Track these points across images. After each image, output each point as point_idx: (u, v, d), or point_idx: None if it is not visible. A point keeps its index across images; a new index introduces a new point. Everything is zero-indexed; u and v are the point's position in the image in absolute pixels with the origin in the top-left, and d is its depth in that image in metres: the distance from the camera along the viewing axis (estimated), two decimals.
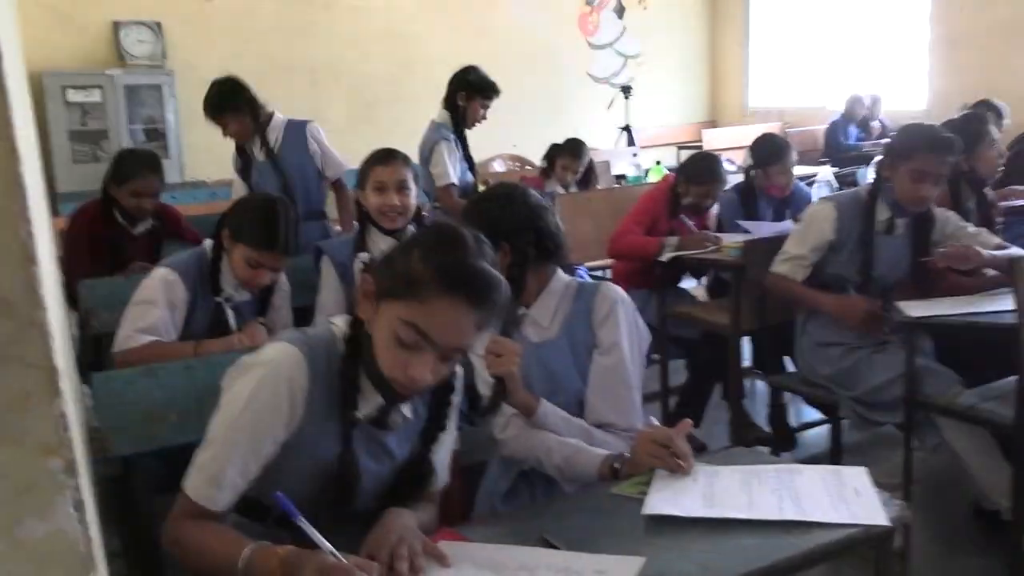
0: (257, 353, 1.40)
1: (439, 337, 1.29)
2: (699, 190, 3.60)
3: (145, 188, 3.23)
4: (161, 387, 1.79)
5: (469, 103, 4.06)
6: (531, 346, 1.80)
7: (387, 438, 1.47)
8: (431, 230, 1.41)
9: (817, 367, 2.84)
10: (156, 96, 6.68)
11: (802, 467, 1.51)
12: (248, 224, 2.37)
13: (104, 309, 2.63)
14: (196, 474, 1.36)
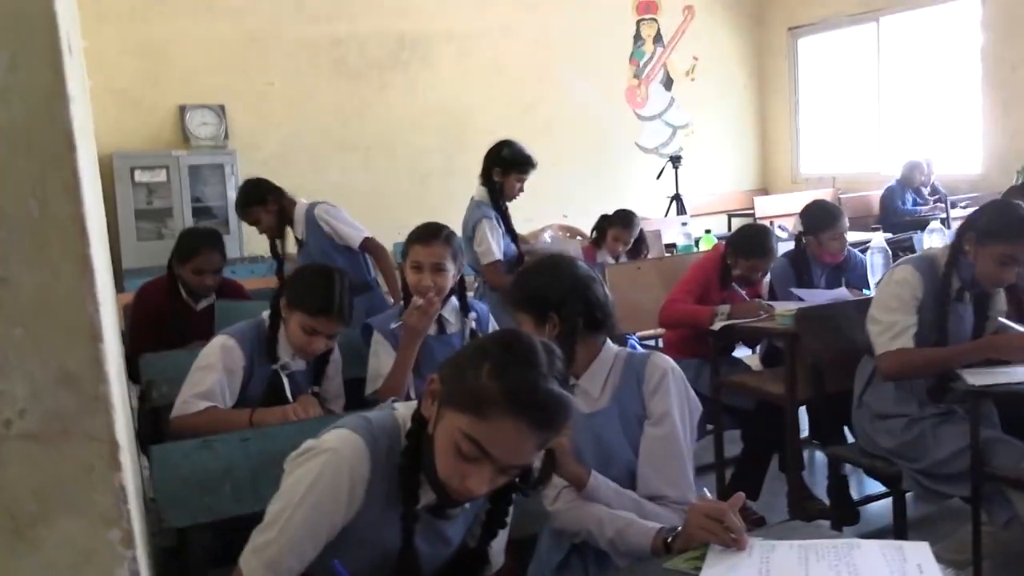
0: (320, 439, 1.41)
1: (499, 455, 1.29)
2: (748, 264, 3.59)
3: (207, 265, 3.34)
4: (217, 459, 1.82)
5: (505, 179, 4.06)
6: (582, 417, 1.79)
7: (443, 525, 1.47)
8: (505, 343, 1.34)
9: (877, 439, 2.76)
10: (219, 175, 6.93)
11: (862, 542, 1.46)
12: (304, 290, 2.44)
13: (164, 382, 2.69)
14: (254, 557, 1.37)
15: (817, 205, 3.87)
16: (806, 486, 3.50)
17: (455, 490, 1.33)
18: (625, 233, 4.83)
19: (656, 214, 8.41)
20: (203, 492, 1.80)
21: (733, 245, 3.63)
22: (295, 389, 2.53)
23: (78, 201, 0.72)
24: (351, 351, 2.86)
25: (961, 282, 2.69)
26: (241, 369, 2.43)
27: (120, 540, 0.79)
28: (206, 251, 3.34)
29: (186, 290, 3.38)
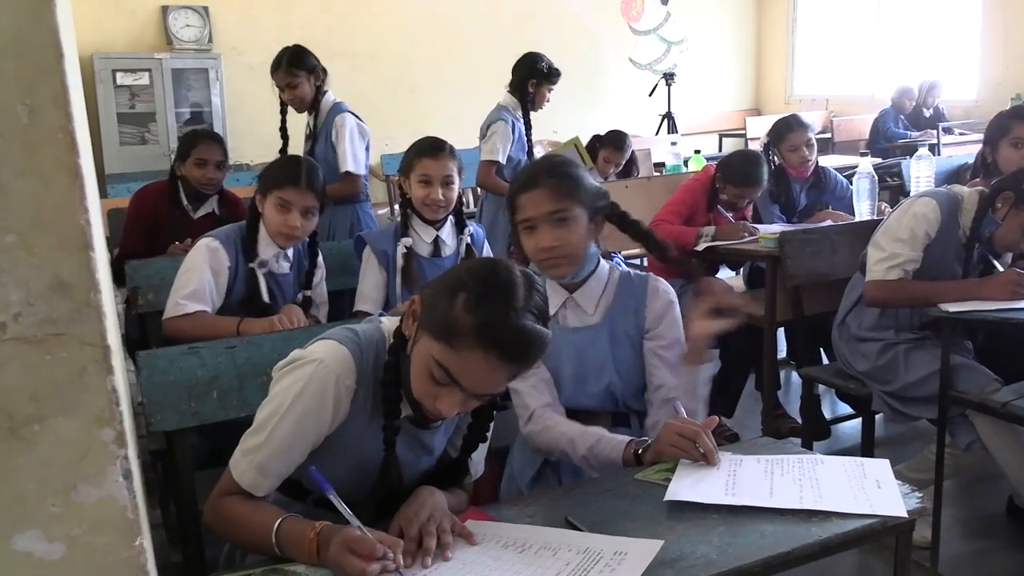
0: (308, 349, 1.45)
1: (469, 384, 1.32)
2: (735, 191, 3.60)
3: (208, 154, 3.31)
4: (203, 365, 1.86)
5: (538, 90, 4.26)
6: (567, 331, 1.84)
7: (424, 434, 1.52)
8: (482, 276, 1.33)
9: (853, 361, 2.83)
10: (203, 80, 6.82)
11: (825, 458, 1.53)
12: (272, 171, 2.54)
13: (150, 289, 2.72)
14: (243, 459, 1.42)
15: (780, 119, 3.88)
16: (780, 404, 3.60)
17: (427, 410, 1.39)
18: (617, 155, 4.82)
19: (647, 132, 8.36)
20: (190, 397, 1.84)
21: (723, 171, 3.63)
22: (281, 294, 2.58)
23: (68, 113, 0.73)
24: (337, 262, 2.90)
25: (975, 235, 2.64)
26: (227, 269, 2.48)
27: (113, 439, 0.83)
28: (205, 142, 3.33)
29: (187, 195, 3.36)
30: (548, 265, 1.80)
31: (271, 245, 2.54)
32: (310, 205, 2.51)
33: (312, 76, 3.76)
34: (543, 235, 1.77)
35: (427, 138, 2.73)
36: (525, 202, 1.78)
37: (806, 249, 3.08)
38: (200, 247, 2.49)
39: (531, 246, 1.79)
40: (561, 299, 1.87)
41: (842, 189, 3.90)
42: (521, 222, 1.80)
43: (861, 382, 2.82)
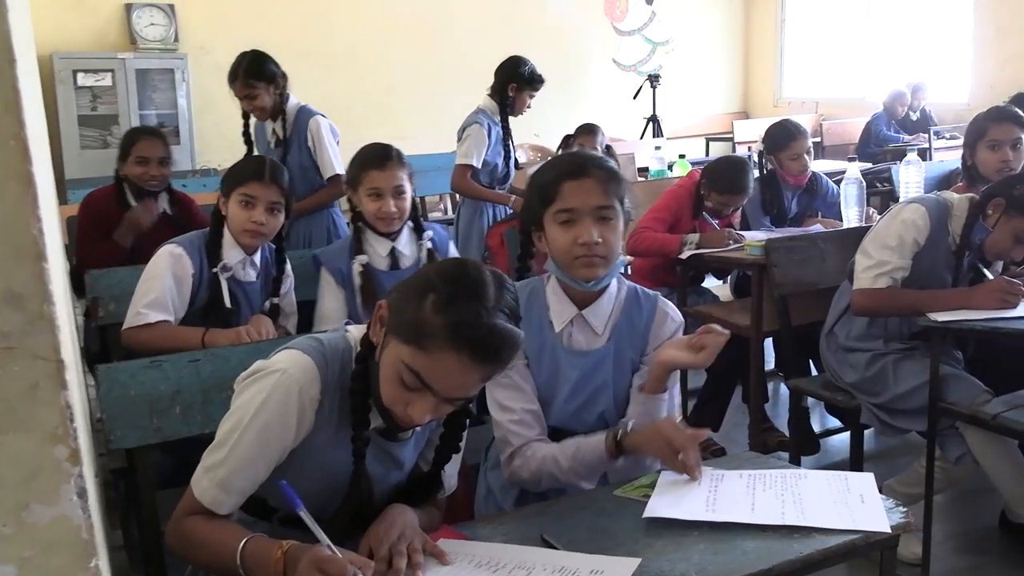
0: (270, 360, 1.45)
1: (441, 388, 1.33)
2: (720, 199, 3.64)
3: (148, 151, 3.31)
4: (166, 379, 1.85)
5: (518, 95, 4.32)
6: (572, 355, 1.79)
7: (393, 447, 1.53)
8: (451, 275, 1.35)
9: (841, 372, 2.86)
10: (168, 81, 6.80)
11: (809, 472, 1.56)
12: (233, 170, 2.56)
13: (111, 299, 2.71)
14: (204, 476, 1.42)
15: (778, 124, 3.93)
16: (767, 418, 3.63)
17: (398, 417, 1.39)
18: (589, 139, 4.83)
19: (631, 136, 8.41)
20: (152, 413, 1.83)
21: (708, 177, 3.67)
22: (248, 304, 2.58)
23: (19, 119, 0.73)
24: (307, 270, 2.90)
25: (965, 242, 2.66)
26: (190, 277, 2.49)
27: (67, 457, 0.83)
28: (145, 138, 3.34)
29: (135, 196, 3.36)
30: (584, 263, 1.72)
31: (236, 249, 2.55)
32: (275, 200, 2.52)
33: (271, 86, 3.70)
34: (585, 229, 1.69)
35: (372, 147, 2.69)
36: (571, 191, 1.71)
37: (793, 257, 3.11)
38: (163, 254, 2.50)
39: (566, 240, 1.71)
40: (569, 316, 1.80)
41: (832, 195, 3.95)
42: (560, 211, 1.72)
43: (849, 394, 2.84)
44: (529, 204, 1.81)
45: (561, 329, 1.79)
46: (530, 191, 1.81)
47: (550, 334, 1.80)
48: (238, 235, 2.52)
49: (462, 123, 4.34)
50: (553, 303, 1.81)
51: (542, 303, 1.82)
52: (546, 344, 1.80)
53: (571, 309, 1.80)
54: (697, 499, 1.45)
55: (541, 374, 1.80)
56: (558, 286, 1.81)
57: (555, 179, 1.74)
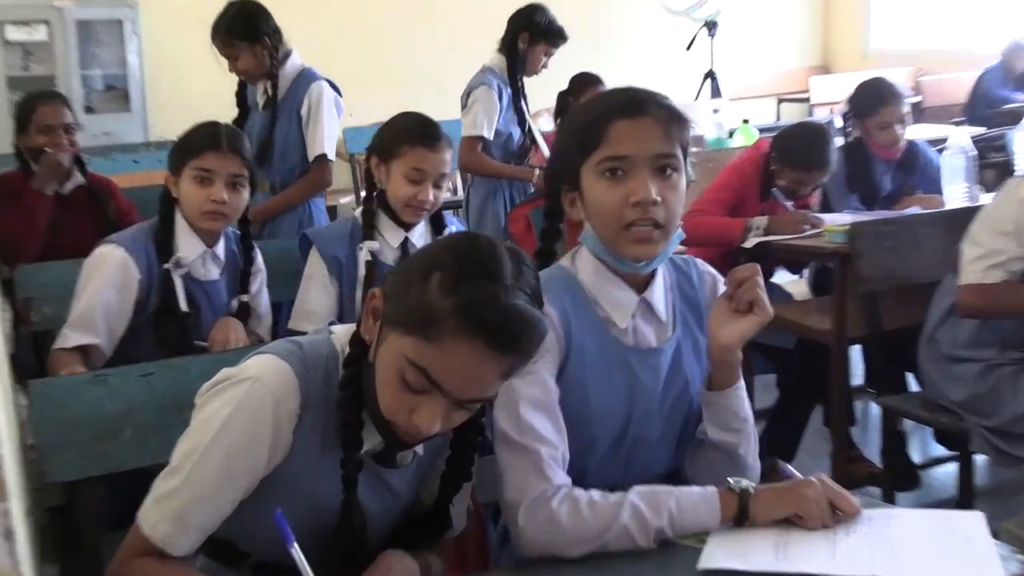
0: (239, 367, 1.45)
1: (453, 387, 1.32)
2: (795, 176, 3.60)
3: (50, 118, 3.37)
4: (113, 397, 1.86)
5: (531, 48, 4.32)
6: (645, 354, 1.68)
7: (390, 475, 1.52)
8: (459, 249, 1.35)
9: (945, 388, 2.84)
10: (116, 34, 6.85)
11: (903, 511, 1.55)
12: (185, 141, 2.56)
13: (45, 300, 2.73)
14: (156, 508, 1.42)
15: (868, 83, 3.91)
16: (855, 445, 3.61)
17: (402, 429, 1.37)
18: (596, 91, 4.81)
19: (684, 96, 8.38)
20: (96, 438, 1.84)
21: (780, 149, 3.65)
22: (210, 306, 2.60)
23: None
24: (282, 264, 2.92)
25: None
26: (136, 283, 2.50)
27: None
28: (45, 104, 3.40)
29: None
30: (638, 236, 1.57)
31: (193, 239, 2.56)
32: (236, 172, 2.52)
33: (258, 45, 3.65)
34: (641, 182, 1.55)
35: (418, 118, 2.69)
36: (623, 132, 1.57)
37: (883, 244, 3.09)
38: (101, 258, 2.50)
39: (614, 198, 1.57)
40: (632, 304, 1.66)
41: (934, 169, 3.92)
42: (607, 159, 1.57)
43: (956, 414, 2.83)
44: (561, 155, 1.70)
45: (626, 326, 1.66)
46: (563, 137, 1.73)
47: (610, 337, 1.66)
48: (195, 219, 2.53)
49: (466, 86, 4.37)
50: (604, 291, 1.66)
51: (582, 295, 1.66)
52: (608, 351, 1.65)
53: (631, 295, 1.66)
54: (764, 545, 1.44)
55: (616, 393, 1.66)
56: (602, 267, 1.66)
57: (602, 118, 1.58)
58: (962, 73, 7.64)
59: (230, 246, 2.67)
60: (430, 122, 2.67)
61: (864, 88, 3.91)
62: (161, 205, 2.58)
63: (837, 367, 3.36)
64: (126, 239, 2.54)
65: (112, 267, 2.48)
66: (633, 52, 8.77)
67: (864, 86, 3.92)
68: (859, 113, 3.86)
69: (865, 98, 3.86)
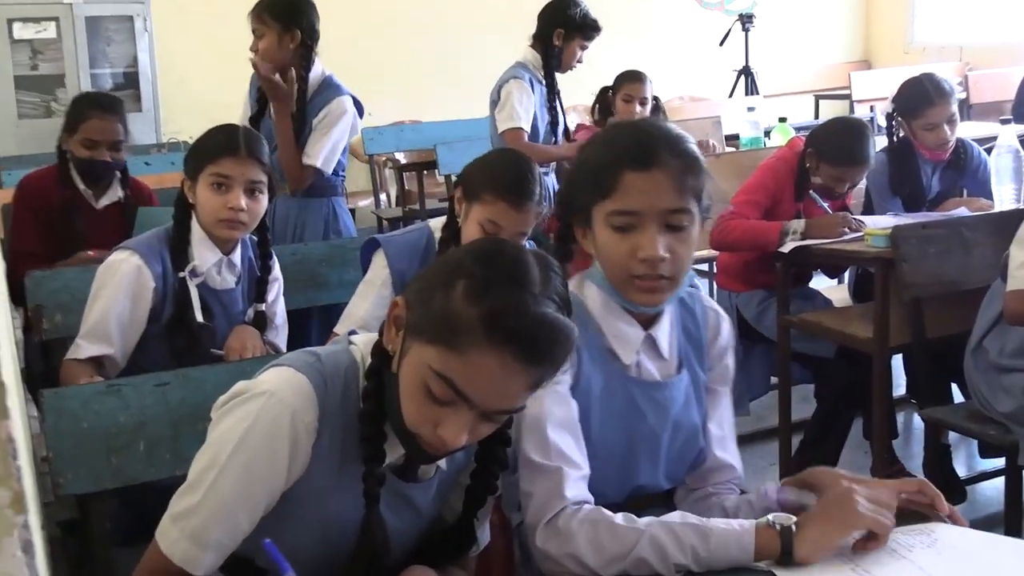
0: (255, 380, 1.46)
1: (480, 398, 1.33)
2: (832, 172, 3.57)
3: (100, 133, 3.37)
4: (126, 409, 1.89)
5: (567, 44, 4.38)
6: (647, 387, 1.75)
7: (412, 490, 1.54)
8: (485, 255, 1.37)
9: (993, 399, 2.83)
10: (126, 31, 6.89)
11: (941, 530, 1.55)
12: (200, 146, 2.57)
13: (57, 308, 2.75)
14: (174, 527, 1.43)
15: (914, 81, 3.87)
16: (897, 458, 3.59)
17: (427, 441, 1.39)
18: (638, 88, 4.88)
19: (718, 93, 8.37)
20: (110, 451, 1.86)
21: (816, 144, 3.63)
22: (225, 315, 2.62)
23: None
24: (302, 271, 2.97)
25: None
26: (150, 292, 2.52)
27: (9, 503, 0.85)
28: (98, 115, 3.39)
29: (81, 176, 3.44)
30: (644, 287, 1.64)
31: (208, 247, 2.58)
32: (256, 180, 2.53)
33: (287, 34, 3.60)
34: (649, 239, 1.59)
35: (513, 163, 2.60)
36: (634, 185, 1.60)
37: (929, 249, 3.08)
38: (115, 265, 2.52)
39: (622, 250, 1.62)
40: (638, 341, 1.73)
41: (985, 170, 3.89)
42: (617, 212, 1.61)
43: (1004, 426, 2.81)
44: (574, 190, 1.73)
45: (631, 362, 1.73)
46: (577, 172, 1.74)
47: (614, 368, 1.72)
48: (211, 227, 2.55)
49: (497, 82, 4.39)
50: (610, 324, 1.72)
51: (590, 323, 1.72)
52: (613, 382, 1.72)
53: (638, 331, 1.73)
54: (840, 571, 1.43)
55: (617, 427, 1.72)
56: (609, 301, 1.72)
57: (613, 165, 1.62)
58: (1012, 68, 7.57)
59: (247, 253, 2.69)
60: (526, 176, 2.54)
61: (909, 87, 3.87)
62: (176, 211, 2.59)
63: (879, 377, 3.34)
64: (140, 245, 2.55)
65: (126, 275, 2.50)
66: (665, 48, 8.76)
67: (909, 84, 3.88)
68: (904, 113, 3.83)
69: (910, 97, 3.82)
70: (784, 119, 5.16)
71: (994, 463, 3.53)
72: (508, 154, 2.71)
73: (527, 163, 2.59)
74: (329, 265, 3.09)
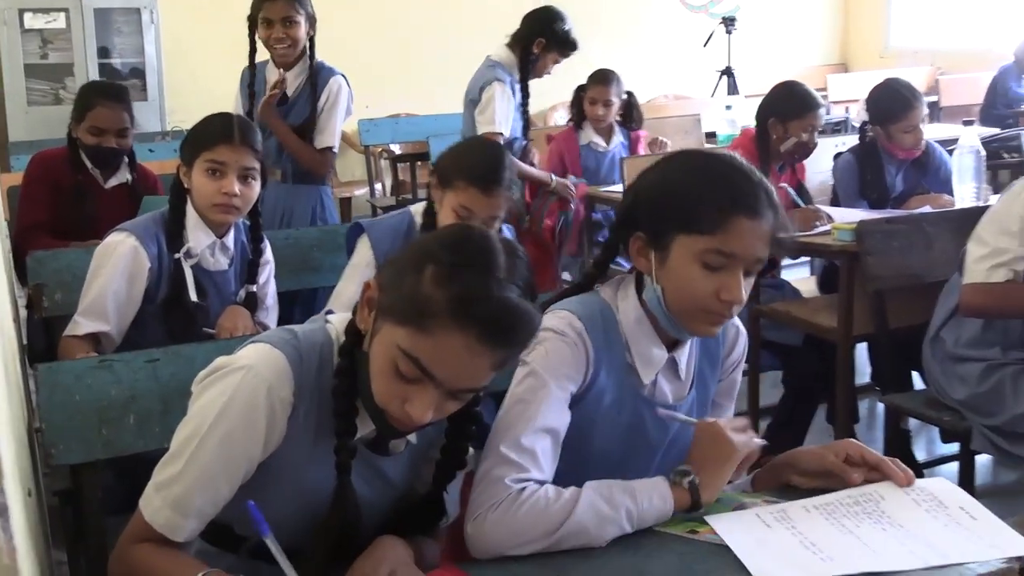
0: (233, 356, 1.47)
1: (445, 377, 1.35)
2: (802, 124, 3.67)
3: (106, 122, 3.40)
4: (118, 383, 1.89)
5: (543, 54, 4.33)
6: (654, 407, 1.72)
7: (384, 463, 1.55)
8: (453, 241, 1.39)
9: (948, 387, 2.84)
10: (134, 23, 6.86)
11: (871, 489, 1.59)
12: (195, 134, 2.57)
13: (58, 287, 2.76)
14: (157, 495, 1.45)
15: (886, 87, 3.88)
16: None
17: (395, 417, 1.40)
18: (603, 91, 4.83)
19: (701, 93, 8.37)
20: (101, 422, 1.87)
21: (773, 112, 3.73)
22: (218, 296, 2.63)
23: None
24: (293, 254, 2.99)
25: None
26: (146, 272, 2.53)
27: None
28: (105, 103, 3.42)
29: (91, 160, 3.46)
30: (712, 322, 1.62)
31: (203, 230, 2.58)
32: (248, 166, 2.54)
33: (309, 23, 3.72)
34: (735, 283, 1.56)
35: (482, 152, 2.68)
36: (741, 231, 1.54)
37: (892, 243, 3.09)
38: (112, 246, 2.53)
39: (705, 288, 1.56)
40: (660, 363, 1.70)
41: (947, 170, 3.91)
42: (714, 251, 1.55)
43: (958, 413, 2.83)
44: (652, 211, 1.64)
45: (648, 382, 1.70)
46: (657, 195, 1.65)
47: (630, 385, 1.70)
48: (206, 211, 2.55)
49: (474, 79, 4.37)
50: (638, 343, 1.69)
51: (616, 336, 1.69)
52: (625, 398, 1.70)
53: (662, 353, 1.70)
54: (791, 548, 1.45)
55: (619, 439, 1.71)
56: (645, 321, 1.68)
57: (726, 208, 1.55)
58: (981, 73, 7.58)
59: (239, 237, 2.70)
60: (495, 164, 2.60)
61: (885, 92, 3.87)
62: (172, 195, 2.60)
63: (843, 364, 3.36)
64: (137, 227, 2.56)
65: (123, 255, 2.51)
66: (651, 48, 8.75)
67: (883, 91, 3.89)
68: (883, 119, 3.82)
69: (891, 101, 3.82)
70: None
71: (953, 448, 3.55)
72: (479, 142, 2.77)
73: (497, 150, 2.65)
74: (321, 250, 3.09)
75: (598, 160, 4.86)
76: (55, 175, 3.47)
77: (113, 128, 3.41)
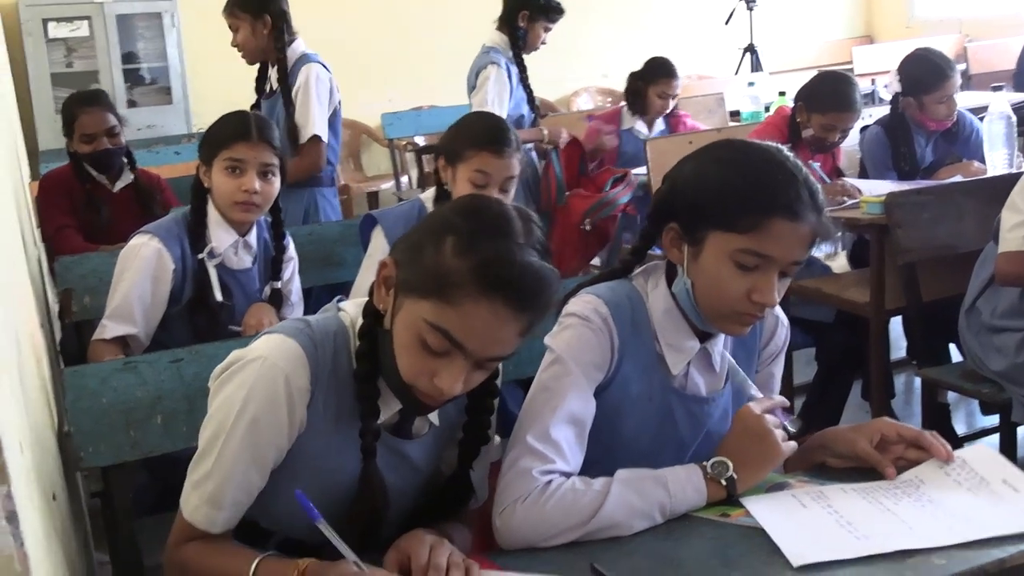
0: (247, 348, 1.47)
1: (475, 346, 1.35)
2: (822, 120, 3.60)
3: (92, 126, 3.53)
4: (143, 384, 1.90)
5: (531, 26, 4.39)
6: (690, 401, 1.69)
7: (408, 447, 1.54)
8: (469, 210, 1.41)
9: (986, 358, 2.80)
10: (156, 27, 6.90)
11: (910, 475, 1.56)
12: (212, 134, 2.58)
13: (85, 291, 2.79)
14: (194, 493, 1.47)
15: (919, 57, 3.82)
16: (895, 417, 3.55)
17: (424, 392, 1.40)
18: (671, 84, 4.92)
19: (724, 72, 8.30)
20: (128, 424, 1.88)
21: (803, 99, 3.67)
22: (243, 294, 2.63)
23: None
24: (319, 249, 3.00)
25: None
26: (171, 273, 2.53)
27: None
28: (86, 111, 3.54)
29: (94, 167, 3.60)
30: (743, 323, 1.58)
31: (225, 229, 2.58)
32: (268, 163, 2.54)
33: (259, 22, 3.64)
34: (769, 285, 1.51)
35: (486, 121, 2.73)
36: (779, 231, 1.49)
37: (922, 215, 3.05)
38: (136, 249, 2.54)
39: (738, 288, 1.52)
40: (690, 354, 1.66)
41: (976, 136, 3.86)
42: (750, 252, 1.50)
43: (997, 385, 2.78)
44: (688, 204, 1.59)
45: (678, 372, 1.66)
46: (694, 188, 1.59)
47: (659, 375, 1.66)
48: (227, 209, 2.55)
49: (472, 66, 4.40)
50: (668, 333, 1.65)
51: (645, 325, 1.65)
52: (654, 388, 1.65)
53: (692, 343, 1.65)
54: (827, 527, 1.42)
55: (648, 430, 1.66)
56: (675, 311, 1.64)
57: (766, 208, 1.49)
58: (1010, 39, 7.46)
59: (262, 234, 2.70)
60: (500, 126, 2.66)
61: (918, 63, 3.81)
62: (193, 195, 2.61)
63: (876, 340, 3.32)
64: (160, 229, 2.57)
65: (147, 258, 2.52)
66: (672, 27, 8.67)
67: (915, 62, 3.82)
68: (917, 89, 3.75)
69: (924, 72, 3.75)
70: (784, 93, 5.11)
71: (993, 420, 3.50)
72: (474, 115, 2.79)
73: (495, 117, 2.73)
74: (344, 244, 3.08)
75: (637, 146, 4.82)
76: (66, 189, 3.60)
77: (101, 130, 3.53)
